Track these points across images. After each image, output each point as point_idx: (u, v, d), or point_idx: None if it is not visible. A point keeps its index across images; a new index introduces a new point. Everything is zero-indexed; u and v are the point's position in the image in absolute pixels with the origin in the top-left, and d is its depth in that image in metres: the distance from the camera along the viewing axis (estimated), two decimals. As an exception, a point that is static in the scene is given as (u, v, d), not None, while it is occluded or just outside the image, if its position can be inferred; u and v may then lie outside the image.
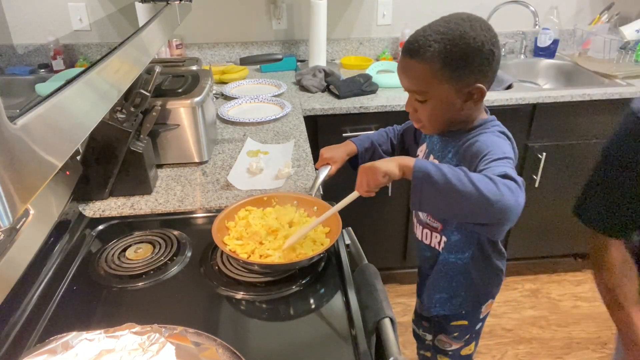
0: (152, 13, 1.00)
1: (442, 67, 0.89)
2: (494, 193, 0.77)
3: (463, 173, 0.79)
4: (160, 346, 0.71)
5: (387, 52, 2.39)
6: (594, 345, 2.01)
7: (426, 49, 0.89)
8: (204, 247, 1.06)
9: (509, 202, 0.77)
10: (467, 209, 0.80)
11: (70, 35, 0.75)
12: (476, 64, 0.89)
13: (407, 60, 0.92)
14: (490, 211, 0.78)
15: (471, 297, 1.15)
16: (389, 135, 1.24)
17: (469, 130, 0.98)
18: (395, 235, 2.16)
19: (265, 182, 1.31)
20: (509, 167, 0.84)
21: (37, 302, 0.89)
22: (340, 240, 1.08)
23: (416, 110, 0.98)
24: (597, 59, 2.29)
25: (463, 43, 0.87)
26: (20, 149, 0.41)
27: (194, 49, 2.31)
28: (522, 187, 0.80)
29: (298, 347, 0.83)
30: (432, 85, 0.91)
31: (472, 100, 0.93)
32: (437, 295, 1.16)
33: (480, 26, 0.89)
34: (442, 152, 1.03)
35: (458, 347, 1.24)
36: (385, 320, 0.88)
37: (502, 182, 0.79)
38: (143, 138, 1.24)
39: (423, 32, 0.91)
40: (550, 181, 2.10)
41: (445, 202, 0.81)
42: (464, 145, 0.96)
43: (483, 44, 0.88)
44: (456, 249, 1.08)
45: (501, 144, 0.92)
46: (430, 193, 0.80)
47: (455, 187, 0.78)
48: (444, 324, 1.21)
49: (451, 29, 0.88)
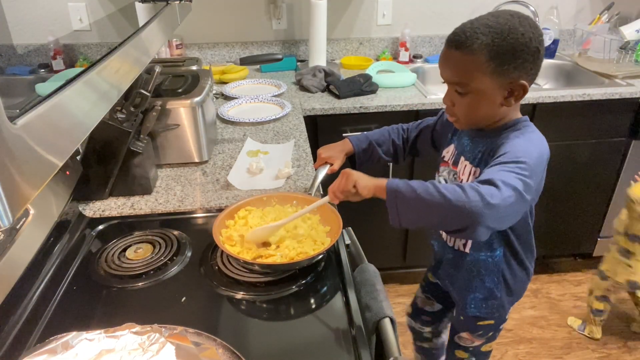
0: (152, 13, 1.00)
1: (487, 59, 0.89)
2: (459, 199, 0.81)
3: (432, 186, 0.84)
4: (160, 346, 0.71)
5: (387, 52, 2.39)
6: (594, 345, 2.01)
7: (473, 40, 0.88)
8: (204, 247, 1.06)
9: (476, 206, 0.80)
10: (438, 217, 0.86)
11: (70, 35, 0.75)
12: (521, 60, 0.89)
13: (451, 51, 0.92)
14: (458, 216, 0.82)
15: (505, 298, 1.14)
16: (392, 136, 1.22)
17: (501, 129, 0.98)
18: (395, 235, 2.16)
19: (265, 182, 1.31)
20: (507, 171, 0.85)
21: (37, 302, 0.89)
22: (340, 240, 1.08)
23: (453, 104, 0.98)
24: (597, 59, 2.29)
25: (511, 38, 0.88)
26: (20, 149, 0.41)
27: (194, 49, 2.31)
28: (503, 190, 0.81)
29: (298, 347, 0.83)
30: (475, 77, 0.91)
31: (514, 97, 0.93)
32: (470, 295, 1.14)
33: (528, 23, 0.90)
34: (472, 152, 1.02)
35: (480, 343, 1.24)
36: (385, 320, 0.88)
37: (473, 187, 0.81)
38: (143, 138, 1.24)
39: (470, 25, 0.91)
40: (550, 181, 2.10)
41: (417, 214, 0.87)
42: (493, 146, 0.96)
43: (531, 41, 0.89)
44: (485, 247, 1.07)
45: (523, 145, 0.91)
46: (404, 208, 0.87)
47: (424, 199, 0.84)
48: (472, 323, 1.20)
49: (500, 24, 0.89)
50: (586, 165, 2.09)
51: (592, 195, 2.18)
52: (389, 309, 0.91)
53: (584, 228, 2.26)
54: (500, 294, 1.12)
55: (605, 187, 2.18)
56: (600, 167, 2.12)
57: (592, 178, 2.14)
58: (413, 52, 2.36)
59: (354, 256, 1.11)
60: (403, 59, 2.33)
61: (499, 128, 0.98)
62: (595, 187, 2.17)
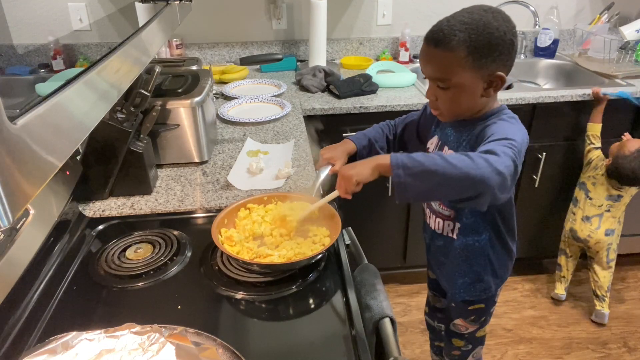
0: (152, 13, 1.00)
1: (466, 55, 0.92)
2: (469, 165, 0.81)
3: (438, 156, 0.84)
4: (160, 346, 0.71)
5: (387, 52, 2.39)
6: (594, 345, 2.01)
7: (451, 37, 0.92)
8: (204, 247, 1.06)
9: (485, 171, 0.81)
10: (448, 186, 0.85)
11: (70, 35, 0.75)
12: (497, 53, 0.93)
13: (430, 48, 0.96)
14: (469, 183, 0.83)
15: (491, 280, 1.18)
16: (384, 131, 1.26)
17: (482, 117, 1.02)
18: (395, 235, 2.16)
19: (265, 182, 1.31)
20: (503, 146, 0.87)
21: (37, 302, 0.89)
22: (340, 240, 1.08)
23: (437, 99, 1.01)
24: (597, 59, 2.29)
25: (487, 32, 0.91)
26: (20, 149, 0.41)
27: (194, 49, 2.31)
28: (503, 159, 0.84)
29: (298, 347, 0.83)
30: (456, 72, 0.94)
31: (492, 87, 0.98)
32: (459, 280, 1.19)
33: (502, 17, 0.93)
34: (457, 142, 1.06)
35: (474, 329, 1.28)
36: (385, 320, 0.88)
37: (478, 155, 0.83)
38: (143, 138, 1.24)
39: (447, 22, 0.94)
40: (550, 181, 2.10)
41: (427, 186, 0.86)
42: (477, 132, 1.00)
43: (505, 34, 0.92)
44: (472, 231, 1.11)
45: (508, 127, 0.95)
46: (412, 182, 0.85)
47: (432, 170, 0.83)
48: (463, 309, 1.24)
49: (475, 20, 0.92)
50: (586, 165, 2.09)
51: (592, 195, 2.18)
52: (389, 309, 0.91)
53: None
54: (486, 276, 1.17)
55: (605, 187, 2.18)
56: (600, 167, 2.12)
57: (592, 178, 2.14)
58: (413, 52, 2.36)
59: (354, 256, 1.11)
60: (403, 59, 2.33)
61: (481, 117, 1.02)
62: (595, 187, 2.16)
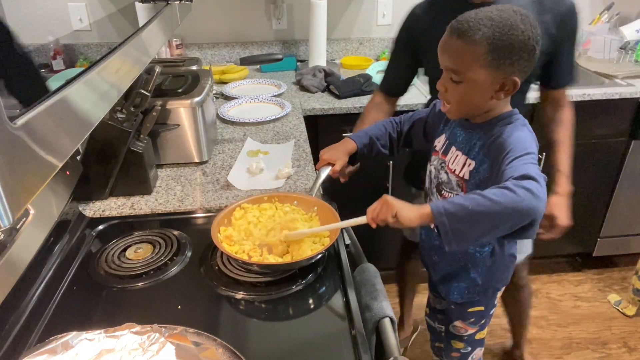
0: (152, 13, 1.00)
1: (486, 51, 0.90)
2: (514, 200, 0.80)
3: (479, 196, 0.82)
4: (160, 346, 0.71)
5: (387, 52, 2.39)
6: (594, 345, 2.01)
7: (475, 31, 0.90)
8: (204, 247, 1.05)
9: (531, 203, 0.80)
10: (498, 225, 0.84)
11: (70, 35, 0.75)
12: (517, 57, 0.91)
13: (452, 39, 0.93)
14: (519, 217, 0.82)
15: (489, 285, 1.17)
16: (387, 129, 1.24)
17: (494, 122, 0.99)
18: (395, 235, 2.16)
19: (265, 182, 1.31)
20: (529, 163, 0.87)
21: (37, 302, 0.89)
22: (340, 240, 1.08)
23: (447, 90, 0.99)
24: (597, 59, 2.29)
25: (511, 33, 0.89)
26: (20, 149, 0.41)
27: (194, 49, 2.30)
28: (541, 182, 0.83)
29: (298, 347, 0.83)
30: (471, 67, 0.92)
31: (504, 91, 0.95)
32: (455, 284, 1.18)
33: (529, 22, 0.91)
34: (467, 143, 1.04)
35: (473, 331, 1.27)
36: (385, 320, 0.88)
37: (519, 185, 0.81)
38: (143, 138, 1.24)
39: (475, 15, 0.91)
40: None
41: (475, 229, 0.84)
42: (491, 139, 0.97)
43: (529, 39, 0.90)
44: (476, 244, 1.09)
45: (523, 138, 0.94)
46: (459, 227, 0.84)
47: (478, 212, 0.82)
48: (461, 310, 1.23)
49: (503, 18, 0.90)
50: (586, 165, 2.09)
51: (592, 196, 2.18)
52: (389, 309, 0.91)
53: (584, 228, 2.26)
54: (483, 282, 1.16)
55: (605, 187, 2.18)
56: (600, 167, 2.12)
57: (592, 178, 2.14)
58: (413, 52, 2.36)
59: (353, 256, 1.11)
60: (403, 59, 2.33)
61: (492, 120, 1.00)
62: (595, 187, 2.16)
